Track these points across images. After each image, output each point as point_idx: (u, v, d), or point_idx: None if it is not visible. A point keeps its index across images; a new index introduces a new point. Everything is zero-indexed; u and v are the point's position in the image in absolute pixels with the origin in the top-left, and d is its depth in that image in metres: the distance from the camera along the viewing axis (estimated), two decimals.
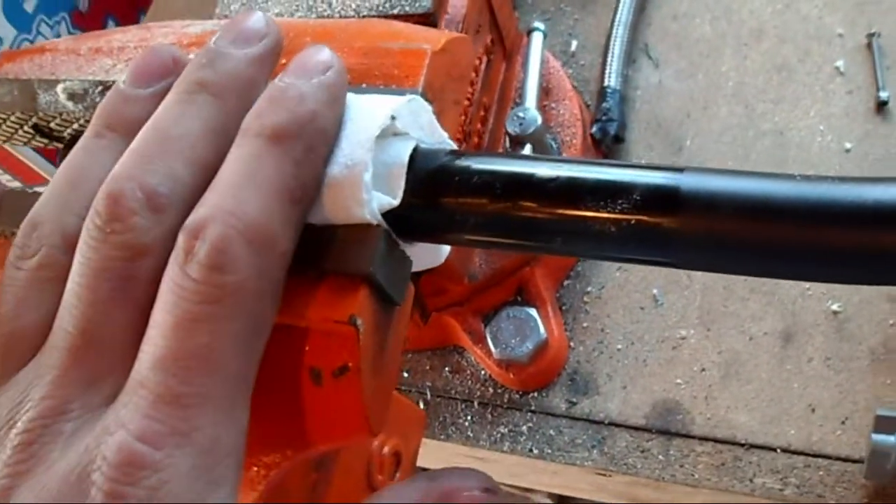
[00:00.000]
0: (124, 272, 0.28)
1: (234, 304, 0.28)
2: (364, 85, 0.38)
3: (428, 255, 0.41)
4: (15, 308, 0.30)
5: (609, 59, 0.65)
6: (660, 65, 0.67)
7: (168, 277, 0.28)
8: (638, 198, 0.32)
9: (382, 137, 0.35)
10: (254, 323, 0.29)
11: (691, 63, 0.66)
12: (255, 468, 0.38)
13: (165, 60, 0.35)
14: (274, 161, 0.30)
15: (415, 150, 0.35)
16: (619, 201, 0.33)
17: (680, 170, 0.33)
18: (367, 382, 0.35)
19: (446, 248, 0.42)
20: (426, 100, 0.37)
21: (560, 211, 0.33)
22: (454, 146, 0.38)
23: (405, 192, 0.35)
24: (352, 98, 0.36)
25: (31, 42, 0.78)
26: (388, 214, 0.35)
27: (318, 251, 0.35)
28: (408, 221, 0.35)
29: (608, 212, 0.33)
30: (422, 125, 0.37)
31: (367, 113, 0.35)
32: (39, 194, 0.42)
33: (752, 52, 0.66)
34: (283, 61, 0.40)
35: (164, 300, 0.27)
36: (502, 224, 0.34)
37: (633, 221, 0.32)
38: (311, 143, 0.31)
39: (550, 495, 1.31)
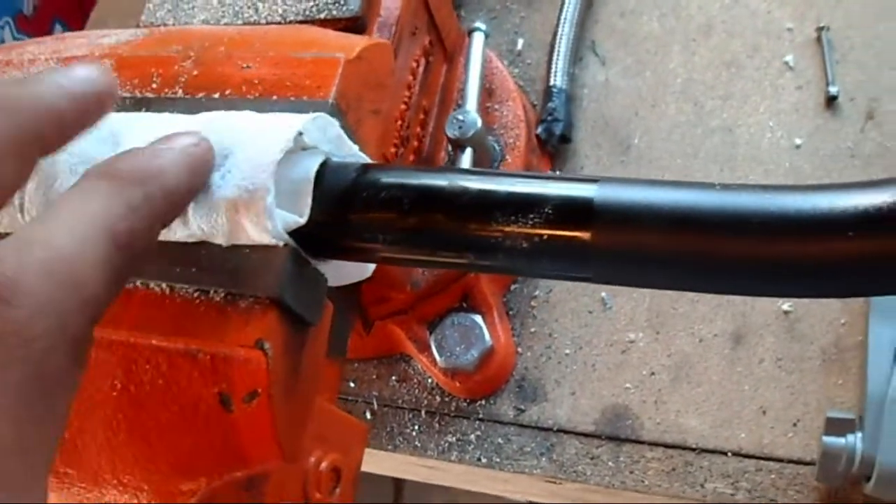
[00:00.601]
0: None
1: (14, 347, 0.22)
2: (275, 97, 0.37)
3: (352, 268, 0.40)
4: None
5: (555, 57, 0.63)
6: (607, 62, 0.66)
7: None
8: (550, 211, 0.31)
9: (290, 152, 0.33)
10: (39, 378, 0.23)
11: (639, 60, 0.65)
12: (170, 496, 0.37)
13: None
14: (103, 199, 0.27)
15: (323, 164, 0.34)
16: (531, 215, 0.31)
17: (595, 180, 0.32)
18: (278, 407, 0.34)
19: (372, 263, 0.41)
20: (338, 110, 0.36)
21: (470, 226, 0.32)
22: (367, 159, 0.37)
23: (313, 209, 0.34)
24: (254, 118, 0.35)
25: None
26: (297, 233, 0.34)
27: (224, 274, 0.34)
28: (317, 239, 0.34)
29: (519, 226, 0.32)
30: (330, 139, 0.35)
31: (269, 134, 0.33)
32: None
33: (701, 49, 0.65)
34: (196, 73, 0.39)
35: None
36: (411, 240, 0.33)
37: (545, 236, 0.31)
38: (152, 195, 0.28)
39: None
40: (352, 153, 0.36)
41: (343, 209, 0.33)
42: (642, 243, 0.31)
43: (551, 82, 0.63)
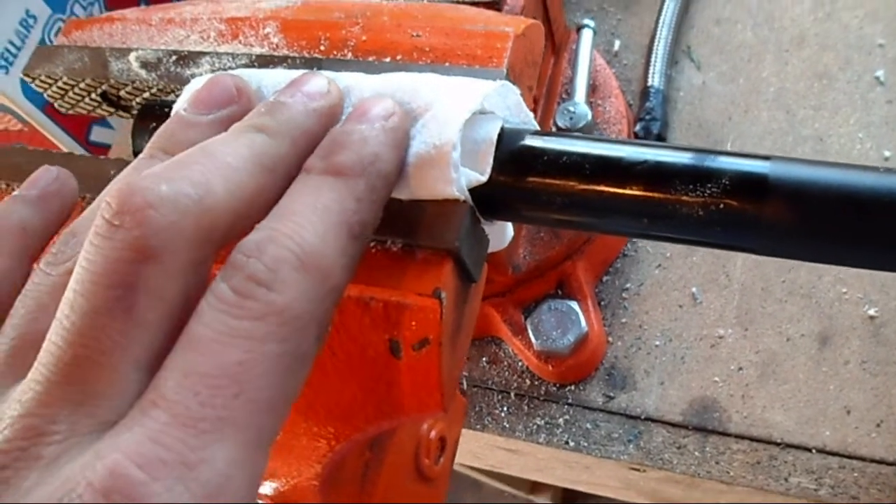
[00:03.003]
0: (127, 278, 0.25)
1: (278, 325, 0.25)
2: (447, 64, 0.39)
3: (495, 237, 0.41)
4: (34, 311, 0.28)
5: (653, 59, 0.65)
6: (702, 67, 0.67)
7: (210, 291, 0.26)
8: (727, 182, 0.33)
9: (471, 116, 0.35)
10: (294, 352, 0.26)
11: (733, 67, 0.67)
12: (322, 440, 0.38)
13: (228, 89, 0.35)
14: (336, 195, 0.29)
15: (502, 129, 0.36)
16: (709, 185, 0.33)
17: (766, 157, 0.34)
18: (445, 357, 0.35)
19: (511, 233, 0.43)
20: (511, 81, 0.38)
21: (649, 193, 0.34)
22: (538, 127, 0.38)
23: (492, 169, 0.35)
24: (442, 79, 0.36)
25: (65, 22, 0.77)
26: (474, 192, 0.35)
27: (403, 225, 0.35)
28: (494, 199, 0.35)
29: (697, 196, 0.33)
30: (508, 106, 0.37)
31: (457, 95, 0.35)
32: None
33: (794, 59, 0.67)
34: (364, 38, 0.41)
35: (201, 313, 0.25)
36: (589, 205, 0.35)
37: (721, 206, 0.33)
38: (373, 184, 0.31)
39: (554, 496, 1.32)
40: (526, 121, 0.38)
41: (522, 171, 0.35)
42: (811, 220, 0.33)
43: (649, 83, 0.65)
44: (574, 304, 0.58)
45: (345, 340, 0.36)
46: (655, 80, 0.64)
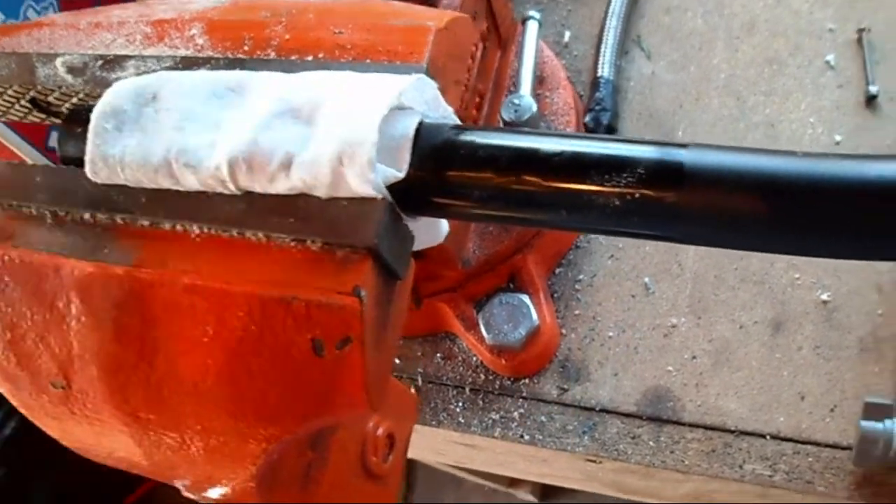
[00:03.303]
0: None
1: None
2: (368, 60, 0.38)
3: (427, 233, 0.41)
4: None
5: (602, 49, 0.65)
6: (652, 56, 0.67)
7: None
8: (642, 172, 0.33)
9: (388, 112, 0.35)
10: None
11: (683, 55, 0.67)
12: (253, 442, 0.38)
13: None
14: None
15: (420, 124, 0.35)
16: (624, 175, 0.33)
17: (683, 145, 0.34)
18: (369, 355, 0.35)
19: (445, 227, 0.43)
20: (430, 76, 0.37)
21: (565, 185, 0.33)
22: (458, 121, 0.38)
23: (410, 165, 0.35)
24: (356, 76, 0.36)
25: None
26: (392, 188, 0.35)
27: (322, 224, 0.35)
28: (413, 195, 0.35)
29: (612, 185, 0.33)
30: (426, 100, 0.37)
31: (373, 90, 0.35)
32: (25, 165, 0.42)
33: (744, 46, 0.66)
34: (288, 36, 0.40)
35: None
36: (507, 197, 0.34)
37: (636, 195, 0.33)
38: None
39: (534, 490, 1.32)
40: (445, 115, 0.38)
41: (440, 166, 0.35)
42: (728, 205, 0.33)
43: (599, 73, 0.64)
44: (525, 298, 0.58)
45: (269, 340, 0.36)
46: (605, 70, 0.64)
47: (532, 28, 0.60)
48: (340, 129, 0.34)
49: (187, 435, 0.39)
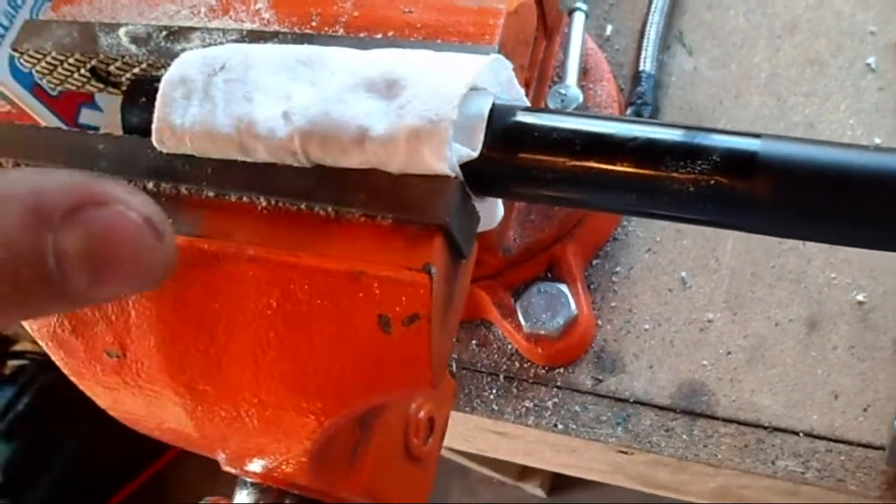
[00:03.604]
0: None
1: None
2: (439, 41, 0.39)
3: (486, 216, 0.41)
4: None
5: (644, 43, 0.65)
6: (694, 52, 0.67)
7: None
8: (717, 159, 0.33)
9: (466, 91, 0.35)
10: None
11: (725, 52, 0.67)
12: (311, 416, 0.38)
13: None
14: None
15: (493, 105, 0.36)
16: (699, 162, 0.33)
17: (757, 135, 0.34)
18: (435, 333, 0.35)
19: (501, 211, 0.43)
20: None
21: (640, 170, 0.34)
22: (528, 104, 0.38)
23: (483, 145, 0.35)
24: (433, 54, 0.36)
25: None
26: (464, 168, 0.35)
27: (394, 200, 0.35)
28: (484, 175, 0.35)
29: (687, 172, 0.33)
30: (500, 81, 0.37)
31: (452, 68, 0.35)
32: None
33: (785, 45, 0.67)
34: (356, 14, 0.41)
35: None
36: (580, 181, 0.35)
37: (711, 182, 0.33)
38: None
39: (543, 483, 1.32)
40: (517, 97, 0.38)
41: (513, 148, 0.35)
42: (801, 197, 0.33)
43: (640, 67, 0.65)
44: (564, 287, 0.58)
45: (334, 315, 0.36)
46: (647, 64, 0.64)
47: (579, 19, 0.61)
48: (419, 105, 0.34)
49: (243, 408, 0.39)
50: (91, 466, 1.27)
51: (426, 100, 0.34)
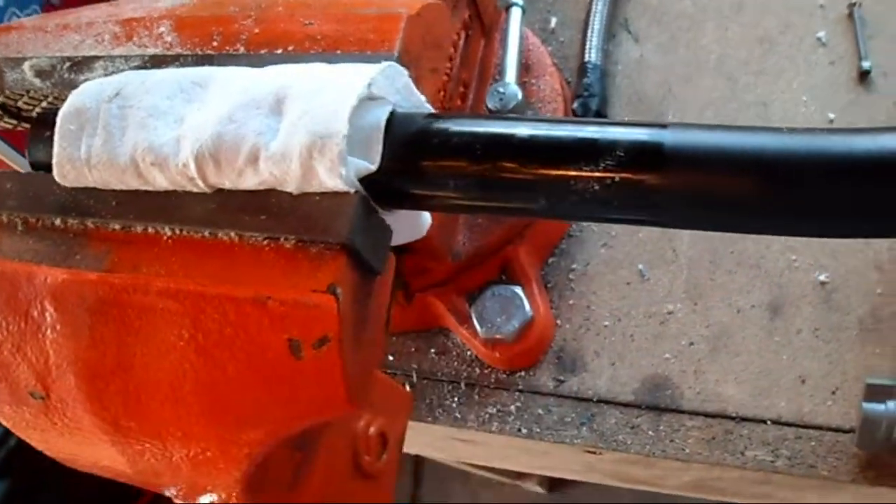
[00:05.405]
0: None
1: None
2: (339, 51, 0.37)
3: (408, 226, 0.40)
4: None
5: (589, 34, 0.64)
6: (640, 39, 0.66)
7: None
8: (622, 154, 0.32)
9: (359, 102, 0.34)
10: None
11: (672, 37, 0.66)
12: (235, 447, 0.37)
13: None
14: None
15: (391, 114, 0.34)
16: (603, 158, 0.32)
17: (664, 125, 0.33)
18: (347, 354, 0.34)
19: (427, 220, 0.42)
20: (402, 64, 0.36)
21: (542, 170, 0.32)
22: (432, 110, 0.37)
23: (383, 157, 0.34)
24: (325, 67, 0.35)
25: None
26: (366, 181, 0.34)
27: (295, 220, 0.34)
28: (386, 187, 0.34)
29: (591, 170, 0.32)
30: (398, 89, 0.36)
31: (342, 81, 0.34)
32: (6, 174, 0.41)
33: (734, 25, 0.65)
34: (257, 30, 0.40)
35: None
36: (483, 186, 0.33)
37: (616, 179, 0.32)
38: None
39: (541, 481, 1.31)
40: (418, 104, 0.37)
41: (414, 156, 0.34)
42: (713, 186, 0.32)
43: (586, 58, 0.63)
44: (518, 289, 0.57)
45: (244, 342, 0.35)
46: (592, 55, 0.63)
47: (515, 15, 0.59)
48: (309, 120, 0.33)
49: (168, 442, 0.38)
50: (85, 500, 1.26)
51: (316, 115, 0.32)
